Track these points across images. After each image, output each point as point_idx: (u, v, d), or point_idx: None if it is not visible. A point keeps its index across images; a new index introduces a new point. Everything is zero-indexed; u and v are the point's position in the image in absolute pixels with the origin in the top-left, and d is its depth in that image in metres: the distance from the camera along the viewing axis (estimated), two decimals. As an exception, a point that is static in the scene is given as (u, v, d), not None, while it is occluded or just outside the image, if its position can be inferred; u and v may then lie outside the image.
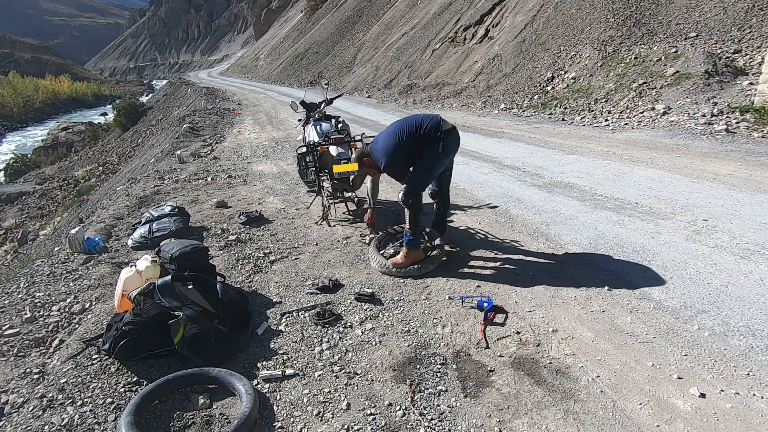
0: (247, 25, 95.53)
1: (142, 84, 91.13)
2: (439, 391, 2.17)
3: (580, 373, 2.21)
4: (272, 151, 8.66)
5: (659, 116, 7.51)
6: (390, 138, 3.17)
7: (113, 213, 5.46)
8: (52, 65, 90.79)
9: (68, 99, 64.10)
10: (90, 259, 4.04)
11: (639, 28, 10.23)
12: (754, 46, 8.28)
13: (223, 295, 2.78)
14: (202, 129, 12.89)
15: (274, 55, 43.68)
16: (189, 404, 2.17)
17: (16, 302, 3.38)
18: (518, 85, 11.37)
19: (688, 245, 3.38)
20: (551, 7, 12.79)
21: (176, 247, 3.11)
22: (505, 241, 3.74)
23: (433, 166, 3.18)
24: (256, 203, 5.36)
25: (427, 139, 3.11)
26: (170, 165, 8.16)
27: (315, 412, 2.09)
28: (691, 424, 1.88)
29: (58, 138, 32.12)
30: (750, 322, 2.46)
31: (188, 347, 2.41)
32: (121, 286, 2.83)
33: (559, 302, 2.81)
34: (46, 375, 2.48)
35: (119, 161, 18.10)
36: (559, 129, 8.15)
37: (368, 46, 24.49)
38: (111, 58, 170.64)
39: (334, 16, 35.33)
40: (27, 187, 20.57)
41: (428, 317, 2.77)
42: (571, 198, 4.60)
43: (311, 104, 5.33)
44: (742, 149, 5.66)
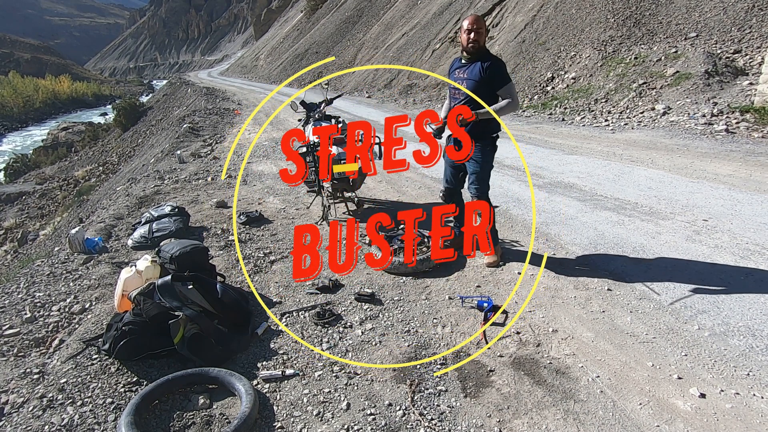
0: (247, 25, 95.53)
1: (142, 84, 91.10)
2: (439, 391, 2.17)
3: (580, 373, 2.21)
4: (272, 151, 8.65)
5: (659, 116, 7.51)
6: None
7: (113, 213, 5.45)
8: (52, 65, 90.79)
9: (68, 99, 64.11)
10: (90, 259, 4.04)
11: (639, 28, 10.23)
12: (754, 46, 8.28)
13: (223, 295, 2.78)
14: (202, 129, 12.88)
15: (274, 55, 43.68)
16: (189, 404, 2.17)
17: (16, 302, 3.37)
18: (518, 85, 11.36)
19: (688, 245, 3.38)
20: (551, 7, 12.79)
21: (176, 247, 3.11)
22: (505, 241, 3.73)
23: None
24: (256, 203, 5.35)
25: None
26: (170, 165, 8.15)
27: (315, 412, 2.09)
28: (691, 424, 1.88)
29: (58, 138, 32.11)
30: (750, 322, 2.46)
31: (188, 347, 2.41)
32: (121, 286, 2.82)
33: (559, 302, 2.81)
34: (46, 375, 2.48)
35: (119, 161, 18.10)
36: (559, 129, 8.15)
37: (368, 46, 24.49)
38: (111, 58, 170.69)
39: (334, 16, 35.33)
40: (27, 187, 20.57)
41: (428, 317, 2.77)
42: (571, 198, 4.60)
43: (311, 104, 5.33)
44: (742, 149, 5.66)
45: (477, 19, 2.97)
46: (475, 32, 2.96)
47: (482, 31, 2.97)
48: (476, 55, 3.02)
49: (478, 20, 2.97)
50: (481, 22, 2.98)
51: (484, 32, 2.99)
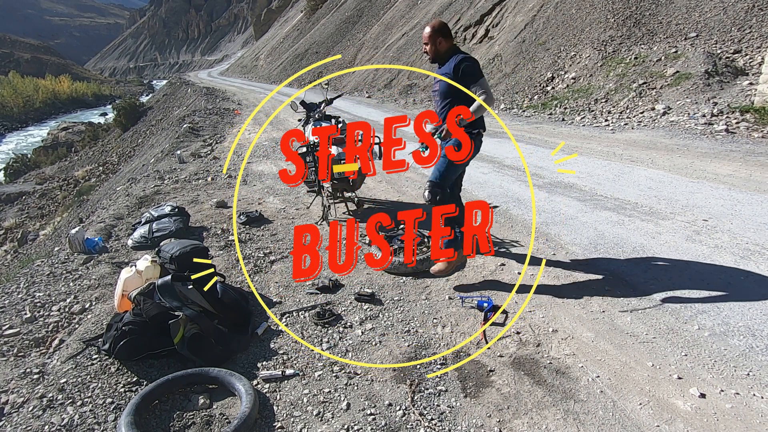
0: (247, 25, 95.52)
1: (142, 84, 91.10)
2: (439, 391, 2.17)
3: (580, 373, 2.21)
4: (272, 151, 8.65)
5: (659, 116, 7.51)
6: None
7: (113, 213, 5.45)
8: (52, 65, 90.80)
9: (68, 99, 64.11)
10: (90, 259, 4.04)
11: (639, 28, 10.23)
12: (754, 46, 8.28)
13: (223, 295, 2.78)
14: (202, 129, 12.88)
15: (274, 55, 43.68)
16: (189, 404, 2.17)
17: (16, 302, 3.37)
18: (518, 85, 11.37)
19: (688, 245, 3.38)
20: (551, 7, 12.79)
21: (176, 247, 3.11)
22: (505, 241, 3.73)
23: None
24: (256, 203, 5.36)
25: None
26: (170, 165, 8.15)
27: (315, 412, 2.09)
28: (691, 424, 1.88)
29: (58, 138, 32.12)
30: (750, 322, 2.46)
31: (188, 347, 2.41)
32: (121, 286, 2.82)
33: (559, 302, 2.81)
34: (46, 375, 2.48)
35: (119, 161, 18.10)
36: (559, 129, 8.15)
37: (368, 46, 24.50)
38: (111, 58, 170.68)
39: (334, 16, 35.34)
40: (27, 187, 20.58)
41: (428, 317, 2.77)
42: (571, 198, 4.60)
43: (311, 104, 5.33)
44: (742, 149, 5.66)
45: (428, 32, 3.01)
46: (425, 45, 3.06)
47: (433, 41, 3.00)
48: (440, 61, 3.07)
49: (425, 35, 3.03)
50: (427, 36, 3.01)
51: (436, 41, 3.00)
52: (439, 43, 3.01)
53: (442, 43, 3.01)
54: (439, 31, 3.00)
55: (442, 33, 3.01)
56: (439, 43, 3.01)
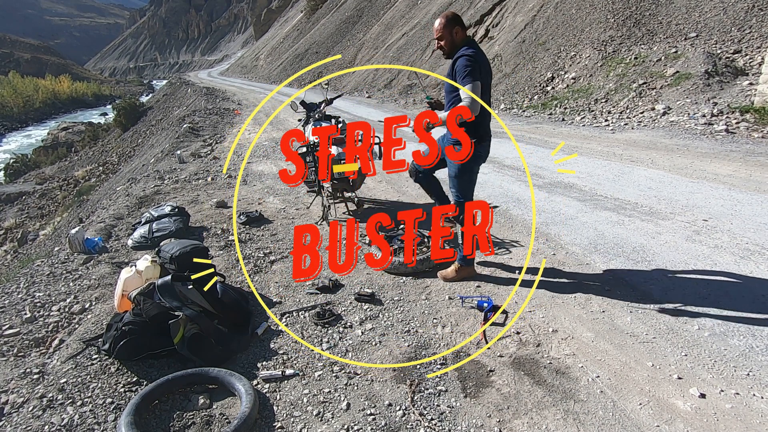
0: (247, 25, 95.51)
1: (142, 84, 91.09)
2: (439, 391, 2.17)
3: (580, 374, 2.21)
4: (272, 151, 8.65)
5: (659, 116, 7.51)
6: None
7: (113, 213, 5.45)
8: (52, 65, 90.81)
9: (68, 99, 64.12)
10: (90, 259, 4.04)
11: (639, 28, 10.23)
12: (754, 47, 8.28)
13: (223, 295, 2.78)
14: (202, 129, 12.88)
15: (274, 55, 43.68)
16: (189, 404, 2.17)
17: (16, 302, 3.37)
18: (518, 85, 11.37)
19: (688, 245, 3.38)
20: (551, 7, 12.79)
21: (176, 247, 3.11)
22: (505, 241, 3.74)
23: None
24: (256, 203, 5.36)
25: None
26: (170, 165, 8.15)
27: (315, 412, 2.09)
28: (691, 425, 1.88)
29: (58, 138, 32.13)
30: (750, 322, 2.46)
31: (188, 347, 2.41)
32: (121, 286, 2.83)
33: (559, 302, 2.81)
34: (46, 375, 2.48)
35: (119, 161, 18.10)
36: (559, 129, 8.15)
37: (368, 46, 24.50)
38: (111, 58, 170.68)
39: (334, 16, 35.34)
40: (27, 187, 20.58)
41: (428, 317, 2.77)
42: (571, 198, 4.60)
43: (311, 104, 5.33)
44: (741, 149, 5.67)
45: (438, 24, 2.87)
46: (437, 40, 2.92)
47: (449, 32, 2.85)
48: (451, 56, 2.93)
49: (438, 27, 2.88)
50: (440, 27, 2.86)
51: (453, 31, 2.85)
52: (456, 33, 2.84)
53: (458, 33, 2.85)
54: (453, 20, 2.84)
55: (458, 22, 2.86)
56: (455, 33, 2.84)
